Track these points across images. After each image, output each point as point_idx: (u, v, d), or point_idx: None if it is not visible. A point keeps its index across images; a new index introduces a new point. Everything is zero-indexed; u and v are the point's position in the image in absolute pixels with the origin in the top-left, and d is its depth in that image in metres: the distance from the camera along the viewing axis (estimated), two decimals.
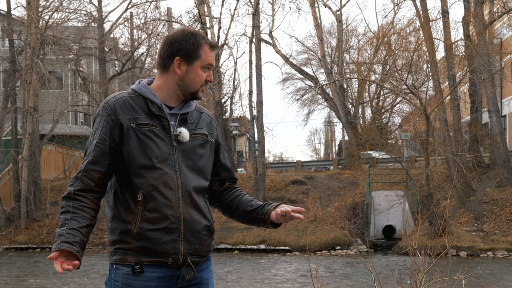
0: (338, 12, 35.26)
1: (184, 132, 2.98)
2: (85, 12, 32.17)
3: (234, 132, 53.47)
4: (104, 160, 2.91)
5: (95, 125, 2.97)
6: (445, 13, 26.92)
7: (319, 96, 42.49)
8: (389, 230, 26.47)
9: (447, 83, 27.74)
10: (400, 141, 38.37)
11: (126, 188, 2.93)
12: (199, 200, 3.00)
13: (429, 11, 26.76)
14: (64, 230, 2.84)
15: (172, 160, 2.94)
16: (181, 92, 3.00)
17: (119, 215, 2.93)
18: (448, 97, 27.15)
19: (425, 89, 31.97)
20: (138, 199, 2.89)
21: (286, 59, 35.22)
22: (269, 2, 35.68)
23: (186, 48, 2.96)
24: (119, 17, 33.07)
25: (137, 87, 3.03)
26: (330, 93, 35.19)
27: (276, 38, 42.35)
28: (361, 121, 39.04)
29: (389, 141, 35.78)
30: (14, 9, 43.86)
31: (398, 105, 40.93)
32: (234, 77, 39.39)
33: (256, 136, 30.09)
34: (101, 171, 2.90)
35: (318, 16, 34.80)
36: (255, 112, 29.39)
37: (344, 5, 35.80)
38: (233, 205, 3.16)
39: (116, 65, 39.04)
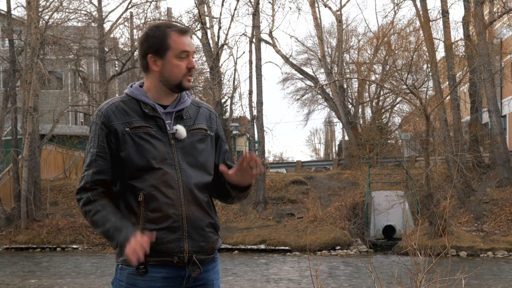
0: (338, 12, 35.26)
1: (181, 129, 2.97)
2: (85, 12, 32.20)
3: (234, 132, 53.44)
4: (108, 168, 2.93)
5: (91, 133, 2.98)
6: (445, 13, 26.92)
7: (319, 96, 42.49)
8: (389, 230, 26.47)
9: (447, 83, 27.74)
10: (400, 141, 38.38)
11: (128, 191, 2.93)
12: (201, 197, 2.99)
13: (429, 11, 26.78)
14: (113, 226, 2.83)
15: (171, 158, 2.94)
16: (166, 87, 2.98)
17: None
18: (448, 97, 27.15)
19: (425, 89, 31.97)
20: (140, 200, 2.89)
21: (286, 59, 35.21)
22: (269, 2, 35.72)
23: (153, 42, 2.93)
24: (119, 17, 33.06)
25: (129, 90, 3.03)
26: (330, 93, 35.18)
27: (276, 38, 42.38)
28: (361, 121, 39.01)
29: (389, 141, 35.77)
30: (14, 9, 43.94)
31: (398, 105, 40.93)
32: (234, 77, 39.43)
33: (256, 136, 30.10)
34: (107, 180, 2.93)
35: (318, 16, 34.80)
36: (255, 112, 29.39)
37: (344, 5, 35.82)
38: (219, 186, 3.11)
39: (116, 65, 39.04)
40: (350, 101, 39.46)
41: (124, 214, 2.93)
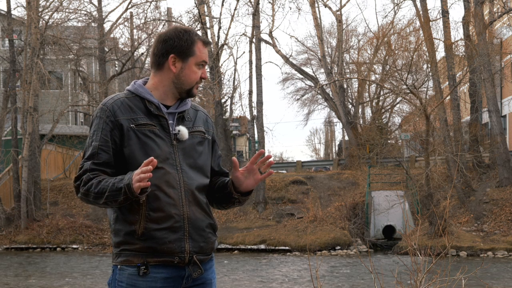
0: (338, 12, 35.25)
1: (183, 130, 2.98)
2: (85, 12, 32.20)
3: (234, 132, 53.46)
4: (109, 162, 2.90)
5: (93, 127, 2.95)
6: (445, 13, 26.92)
7: (319, 96, 42.48)
8: (389, 230, 26.47)
9: (447, 83, 27.74)
10: (400, 141, 38.37)
11: None
12: (201, 198, 3.00)
13: (429, 11, 26.78)
14: (118, 179, 2.79)
15: (173, 159, 2.94)
16: (176, 90, 3.01)
17: (123, 216, 2.92)
18: (448, 97, 27.15)
19: (425, 89, 31.95)
20: (142, 199, 2.87)
21: (286, 59, 35.21)
22: (269, 2, 35.71)
23: (180, 45, 2.97)
24: (119, 17, 33.07)
25: (133, 87, 3.02)
26: (330, 93, 35.18)
27: (276, 38, 42.37)
28: (361, 121, 39.00)
29: (389, 141, 35.76)
30: (14, 9, 43.92)
31: (398, 105, 40.91)
32: (234, 77, 39.44)
33: (256, 136, 30.11)
34: (107, 172, 2.89)
35: (318, 16, 34.80)
36: (255, 112, 29.41)
37: (344, 5, 35.81)
38: (214, 190, 3.12)
39: (116, 65, 39.04)
40: (350, 101, 39.45)
41: (124, 213, 2.92)
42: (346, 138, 39.76)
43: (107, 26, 33.07)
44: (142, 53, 34.62)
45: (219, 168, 3.17)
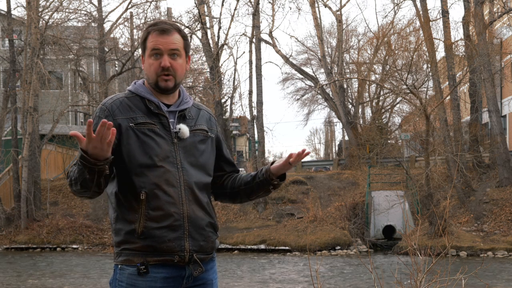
0: (338, 12, 35.26)
1: (184, 128, 2.98)
2: (85, 12, 32.21)
3: (234, 132, 53.47)
4: None
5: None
6: (445, 13, 26.93)
7: (319, 96, 42.49)
8: (389, 230, 26.47)
9: (447, 83, 27.75)
10: (400, 141, 38.38)
11: (128, 188, 2.90)
12: (202, 197, 3.00)
13: (429, 11, 26.79)
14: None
15: (173, 157, 2.94)
16: (150, 86, 3.02)
17: (123, 216, 2.92)
18: (448, 97, 27.15)
19: (425, 89, 31.96)
20: (141, 198, 2.87)
21: (286, 59, 35.22)
22: (269, 2, 35.75)
23: (140, 42, 3.05)
24: (119, 17, 33.07)
25: (133, 87, 3.04)
26: (330, 93, 35.19)
27: (276, 38, 42.38)
28: (361, 121, 39.02)
29: (389, 141, 35.76)
30: (14, 9, 43.95)
31: (398, 105, 40.93)
32: (234, 77, 39.46)
33: (256, 136, 30.12)
34: None
35: (318, 16, 34.81)
36: (255, 112, 29.41)
37: (344, 5, 35.83)
38: (236, 184, 3.15)
39: (116, 65, 39.04)
40: (350, 101, 39.46)
41: (124, 212, 2.92)
42: (346, 138, 39.78)
43: (107, 26, 33.11)
44: None
45: (232, 164, 3.21)
